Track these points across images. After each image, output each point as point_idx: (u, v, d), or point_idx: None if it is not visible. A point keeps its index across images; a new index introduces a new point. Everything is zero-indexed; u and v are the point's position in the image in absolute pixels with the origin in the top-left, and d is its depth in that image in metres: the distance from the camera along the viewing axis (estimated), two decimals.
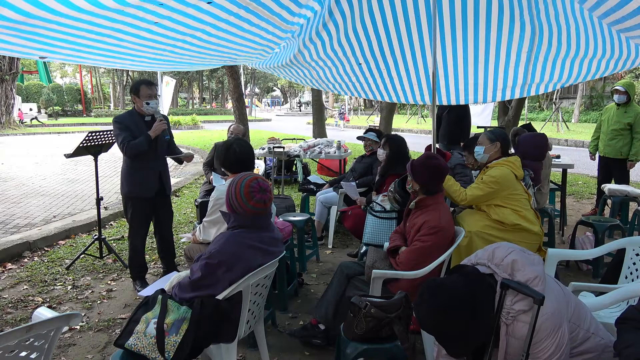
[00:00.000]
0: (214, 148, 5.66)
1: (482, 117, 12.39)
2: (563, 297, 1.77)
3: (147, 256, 4.76)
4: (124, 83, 41.74)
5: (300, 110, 45.95)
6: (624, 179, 5.69)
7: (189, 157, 4.17)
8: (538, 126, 17.36)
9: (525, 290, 1.68)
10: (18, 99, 24.20)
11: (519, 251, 1.81)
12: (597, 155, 6.03)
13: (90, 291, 3.99)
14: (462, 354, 1.77)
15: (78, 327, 3.33)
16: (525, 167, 3.78)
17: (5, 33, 2.59)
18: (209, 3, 2.81)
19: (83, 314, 3.55)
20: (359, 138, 5.36)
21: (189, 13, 2.89)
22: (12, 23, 2.40)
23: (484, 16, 3.51)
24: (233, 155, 3.09)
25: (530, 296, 1.67)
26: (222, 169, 3.25)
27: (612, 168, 5.78)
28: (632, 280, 2.80)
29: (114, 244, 5.09)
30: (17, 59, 19.61)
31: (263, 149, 7.23)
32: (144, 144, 3.71)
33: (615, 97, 5.61)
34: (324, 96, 23.33)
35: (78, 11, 2.42)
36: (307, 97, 50.06)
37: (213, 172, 4.79)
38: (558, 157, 6.06)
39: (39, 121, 24.61)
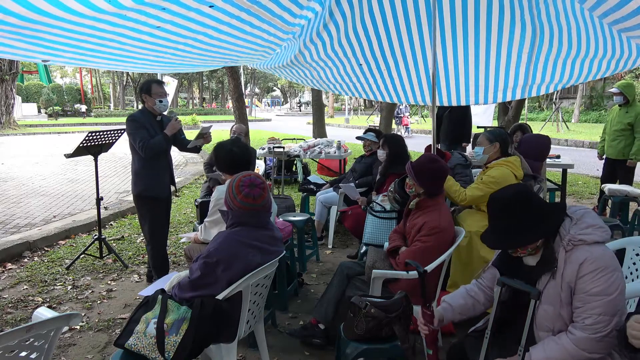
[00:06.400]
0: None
1: (484, 117, 12.36)
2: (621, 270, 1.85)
3: (142, 257, 4.76)
4: (124, 83, 41.74)
5: (300, 110, 45.92)
6: (628, 179, 5.69)
7: (207, 137, 3.94)
8: (538, 126, 17.35)
9: (521, 286, 1.77)
10: (18, 99, 24.19)
11: (594, 213, 1.93)
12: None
13: (90, 291, 3.99)
14: (505, 245, 1.92)
15: (78, 327, 3.33)
16: (535, 172, 3.78)
17: (7, 37, 2.59)
18: (211, 7, 2.81)
19: (83, 314, 3.55)
20: (358, 138, 5.37)
21: (191, 17, 2.89)
22: (14, 28, 2.41)
23: (484, 17, 3.50)
24: (229, 155, 3.09)
25: (526, 291, 1.71)
26: (217, 170, 3.25)
27: (617, 169, 5.79)
28: (632, 281, 2.80)
29: (114, 244, 5.09)
30: None
31: (263, 149, 7.23)
32: (163, 143, 3.69)
33: (614, 98, 5.68)
34: (324, 96, 23.23)
35: (80, 16, 2.43)
36: (307, 97, 50.05)
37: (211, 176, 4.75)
38: (558, 157, 6.07)
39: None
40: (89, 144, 4.29)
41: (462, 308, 2.14)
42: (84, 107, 30.35)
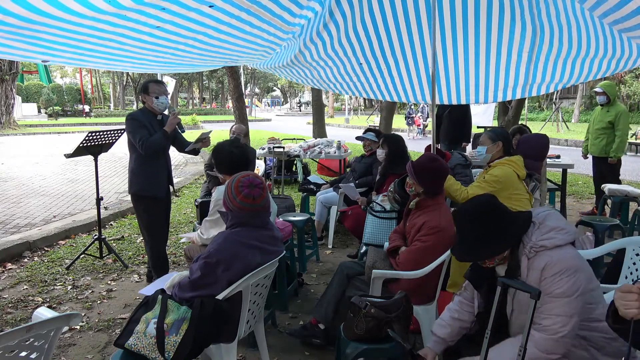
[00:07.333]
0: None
1: (484, 117, 12.36)
2: (588, 266, 1.85)
3: (142, 257, 4.76)
4: (124, 83, 41.74)
5: (300, 110, 45.91)
6: (614, 176, 5.79)
7: (206, 141, 3.95)
8: (538, 126, 17.34)
9: (522, 287, 1.76)
10: (18, 99, 24.19)
11: (557, 214, 1.95)
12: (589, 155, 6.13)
13: (90, 291, 3.98)
14: (478, 257, 1.93)
15: (78, 327, 3.33)
16: (534, 171, 3.78)
17: (7, 37, 2.59)
18: (210, 7, 2.81)
19: (83, 314, 3.55)
20: (357, 138, 5.37)
21: (191, 17, 2.89)
22: (14, 28, 2.41)
23: (484, 16, 3.51)
24: (229, 157, 3.08)
25: (526, 291, 1.73)
26: (214, 170, 3.24)
27: (601, 166, 5.88)
28: (632, 281, 2.80)
29: (114, 244, 5.09)
30: None
31: (263, 149, 7.23)
32: (163, 140, 3.66)
33: (597, 98, 5.83)
34: (324, 96, 23.20)
35: (79, 17, 2.43)
36: (307, 97, 50.02)
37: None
38: (558, 157, 6.08)
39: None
40: (89, 144, 4.29)
41: (450, 335, 2.16)
42: (87, 107, 30.43)
